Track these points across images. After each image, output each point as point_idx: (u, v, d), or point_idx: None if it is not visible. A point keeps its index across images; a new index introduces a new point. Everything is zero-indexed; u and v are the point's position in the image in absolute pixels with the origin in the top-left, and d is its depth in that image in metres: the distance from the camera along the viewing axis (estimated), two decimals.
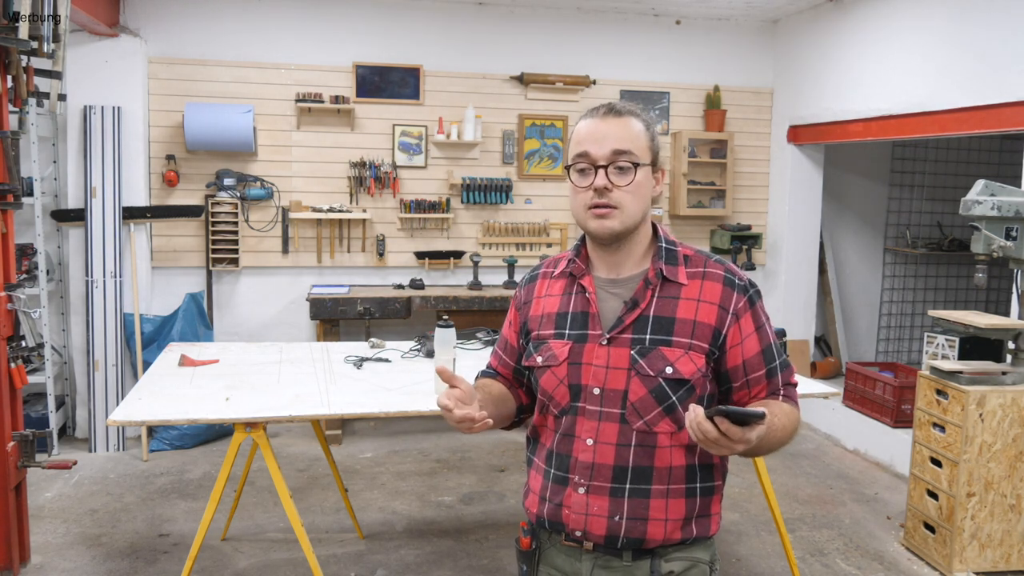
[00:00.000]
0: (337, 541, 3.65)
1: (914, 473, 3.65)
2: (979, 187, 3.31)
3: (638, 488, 1.48)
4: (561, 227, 5.73)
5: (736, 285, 1.51)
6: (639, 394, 1.46)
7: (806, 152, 5.79)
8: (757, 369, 1.52)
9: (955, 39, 4.25)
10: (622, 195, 1.48)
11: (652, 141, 1.53)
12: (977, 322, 3.42)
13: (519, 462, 4.70)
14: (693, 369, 1.46)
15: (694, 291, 1.50)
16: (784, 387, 1.55)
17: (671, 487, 1.49)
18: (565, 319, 1.55)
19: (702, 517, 1.53)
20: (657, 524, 1.48)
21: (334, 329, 5.05)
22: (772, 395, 1.54)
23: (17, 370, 3.21)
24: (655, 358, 1.46)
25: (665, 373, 1.46)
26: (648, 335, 1.48)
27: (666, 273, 1.51)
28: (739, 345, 1.50)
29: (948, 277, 6.56)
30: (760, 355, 1.52)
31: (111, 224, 4.77)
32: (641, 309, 1.49)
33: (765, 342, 1.52)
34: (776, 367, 1.53)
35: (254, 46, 5.20)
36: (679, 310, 1.48)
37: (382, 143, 5.41)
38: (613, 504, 1.48)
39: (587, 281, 1.55)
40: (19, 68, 3.11)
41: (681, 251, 1.55)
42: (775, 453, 1.50)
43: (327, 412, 2.68)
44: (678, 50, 5.80)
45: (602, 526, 1.49)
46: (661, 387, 1.46)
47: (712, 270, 1.52)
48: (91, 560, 3.42)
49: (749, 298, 1.52)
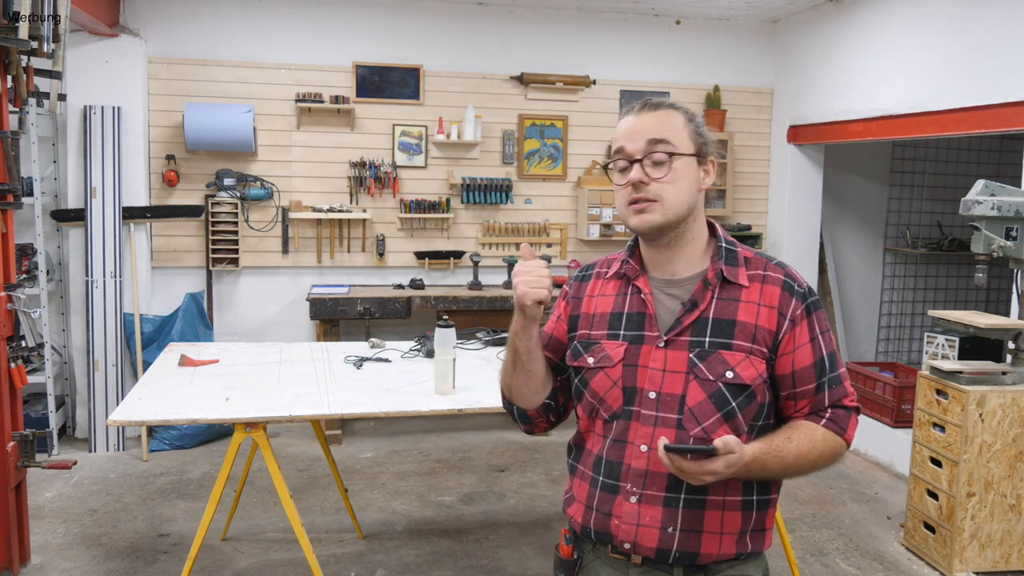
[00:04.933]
0: (337, 541, 3.65)
1: (914, 473, 3.65)
2: (979, 187, 3.31)
3: (694, 498, 1.40)
4: (561, 227, 5.73)
5: (795, 291, 1.44)
6: (697, 399, 1.40)
7: (806, 152, 5.79)
8: (807, 382, 1.44)
9: (955, 39, 4.25)
10: (660, 187, 1.42)
11: (696, 132, 1.46)
12: (977, 322, 3.42)
13: (519, 462, 4.69)
14: (754, 374, 1.40)
15: (755, 294, 1.43)
16: (831, 408, 1.46)
17: (727, 498, 1.42)
18: (620, 319, 1.49)
19: (757, 531, 1.46)
20: (712, 538, 1.41)
21: (334, 329, 5.05)
22: (815, 413, 1.45)
23: (17, 370, 3.21)
24: (715, 362, 1.40)
25: (725, 377, 1.39)
26: (708, 337, 1.41)
27: (726, 274, 1.44)
28: (791, 354, 1.43)
29: (948, 277, 6.56)
30: (812, 367, 1.44)
31: (111, 224, 4.77)
32: (700, 310, 1.43)
33: (819, 354, 1.44)
34: (826, 382, 1.45)
35: (254, 46, 5.20)
36: (740, 312, 1.42)
37: (382, 143, 5.41)
38: (667, 515, 1.40)
39: (642, 282, 1.49)
40: (19, 68, 3.11)
41: (741, 252, 1.49)
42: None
43: (327, 412, 2.68)
44: (678, 50, 5.80)
45: (654, 538, 1.41)
46: (721, 392, 1.39)
47: (772, 273, 1.46)
48: (91, 560, 3.41)
49: (807, 306, 1.45)
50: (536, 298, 1.43)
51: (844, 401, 1.46)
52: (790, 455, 1.39)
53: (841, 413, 1.46)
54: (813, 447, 1.41)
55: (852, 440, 1.48)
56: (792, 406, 1.47)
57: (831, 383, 1.45)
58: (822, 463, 1.44)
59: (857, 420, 1.49)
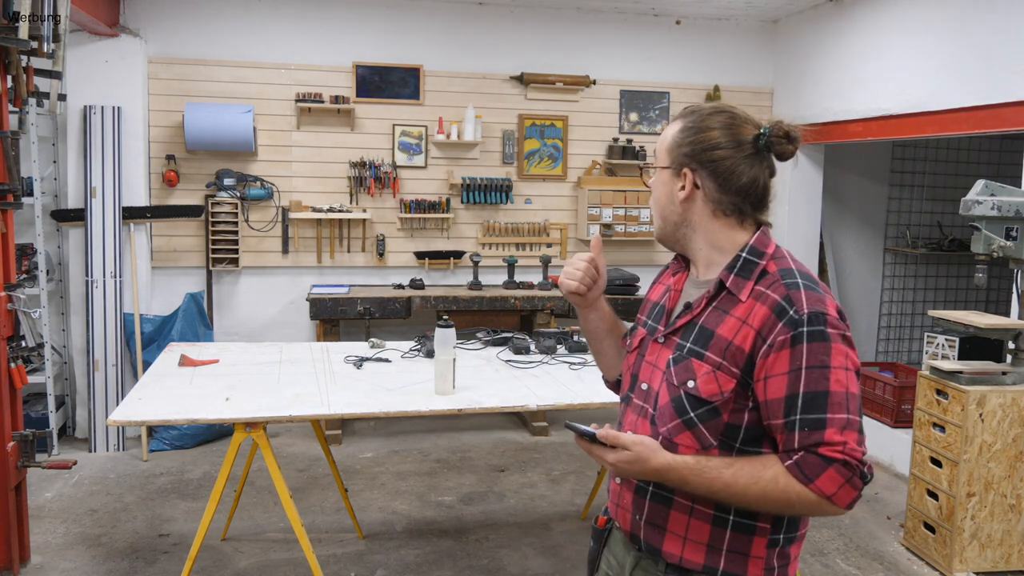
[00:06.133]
0: (337, 541, 3.65)
1: (914, 473, 3.65)
2: (979, 187, 3.31)
3: (660, 494, 1.42)
4: (561, 227, 5.72)
5: (787, 316, 1.31)
6: (664, 400, 1.42)
7: (806, 152, 5.79)
8: (776, 416, 1.31)
9: (955, 39, 4.25)
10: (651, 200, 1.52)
11: (679, 144, 1.43)
12: (977, 322, 3.42)
13: (519, 462, 4.70)
14: (715, 390, 1.34)
15: (744, 311, 1.36)
16: (802, 450, 1.28)
17: (696, 506, 1.39)
18: (654, 310, 1.55)
19: (735, 553, 1.38)
20: (675, 539, 1.40)
21: (334, 329, 5.05)
22: (786, 452, 1.30)
23: (17, 370, 3.21)
24: (683, 368, 1.39)
25: (687, 386, 1.38)
26: (688, 343, 1.41)
27: (728, 284, 1.39)
28: (763, 380, 1.32)
29: (948, 277, 6.56)
30: (782, 401, 1.30)
31: (111, 224, 4.77)
32: (693, 315, 1.43)
33: (794, 389, 1.29)
34: (795, 422, 1.28)
35: (254, 46, 5.20)
36: (723, 326, 1.37)
37: (382, 143, 5.41)
38: (636, 502, 1.46)
39: (680, 278, 1.54)
40: (19, 68, 3.11)
41: (764, 265, 1.39)
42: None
43: (327, 412, 2.68)
44: (678, 50, 5.80)
45: (627, 521, 1.48)
46: (680, 400, 1.38)
47: (772, 293, 1.34)
48: (91, 560, 3.41)
49: (797, 334, 1.29)
50: (567, 289, 1.57)
51: (821, 450, 1.27)
52: (718, 481, 1.31)
53: (812, 460, 1.27)
54: (755, 483, 1.30)
55: (832, 494, 1.27)
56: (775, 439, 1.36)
57: (804, 424, 1.28)
58: (767, 504, 1.31)
59: (843, 476, 1.27)
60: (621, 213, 5.57)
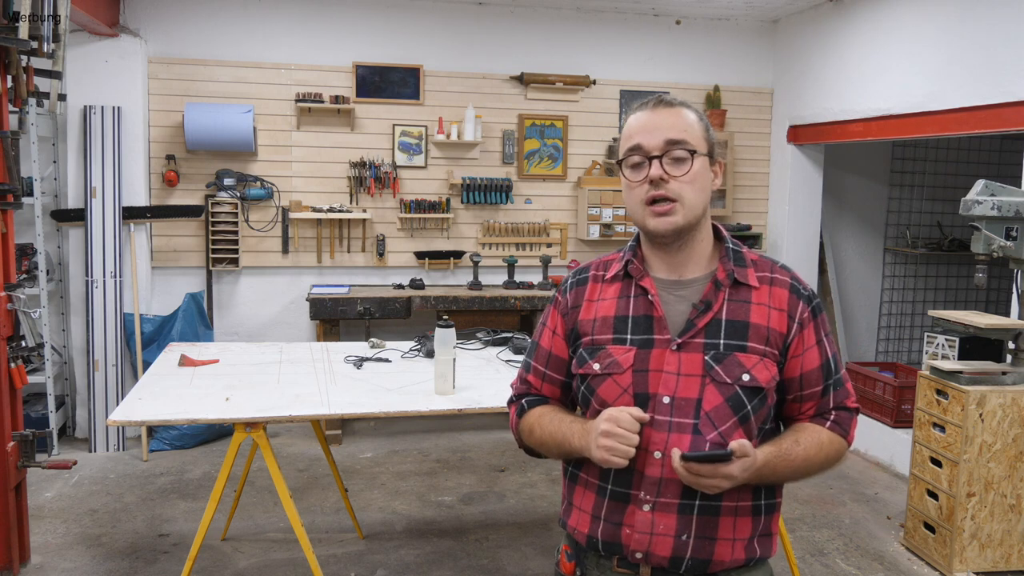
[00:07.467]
0: (337, 541, 3.65)
1: (914, 473, 3.65)
2: (979, 187, 3.31)
3: (708, 504, 1.38)
4: (561, 227, 5.72)
5: (801, 294, 1.46)
6: (714, 403, 1.37)
7: (806, 152, 5.79)
8: (814, 385, 1.46)
9: (955, 39, 4.25)
10: (680, 186, 1.39)
11: (707, 132, 1.45)
12: (977, 322, 3.42)
13: (519, 462, 4.69)
14: (768, 376, 1.40)
15: (764, 296, 1.43)
16: (835, 410, 1.48)
17: (739, 504, 1.40)
18: (625, 323, 1.44)
19: (764, 536, 1.45)
20: (725, 544, 1.40)
21: (334, 329, 5.05)
22: (819, 416, 1.47)
23: (17, 370, 3.21)
24: (731, 364, 1.38)
25: (742, 380, 1.37)
26: (722, 340, 1.39)
27: (737, 275, 1.43)
28: (800, 356, 1.44)
29: (948, 277, 6.56)
30: (819, 370, 1.45)
31: (111, 224, 4.77)
32: (714, 312, 1.41)
33: (825, 357, 1.46)
34: (831, 385, 1.47)
35: (254, 46, 5.20)
36: (752, 314, 1.41)
37: (382, 143, 5.41)
38: (681, 522, 1.38)
39: (648, 283, 1.45)
40: (19, 68, 3.11)
41: (747, 254, 1.49)
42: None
43: (327, 412, 2.68)
44: (678, 50, 5.80)
45: (667, 546, 1.38)
46: (738, 395, 1.38)
47: (779, 275, 1.46)
48: (91, 560, 3.41)
49: (813, 308, 1.46)
50: (612, 465, 1.37)
51: (847, 403, 1.49)
52: (798, 458, 1.40)
53: (844, 415, 1.48)
54: (820, 450, 1.43)
55: (853, 440, 1.50)
56: (797, 408, 1.48)
57: (835, 385, 1.47)
58: (827, 465, 1.46)
59: (856, 420, 1.51)
60: (621, 213, 5.57)
